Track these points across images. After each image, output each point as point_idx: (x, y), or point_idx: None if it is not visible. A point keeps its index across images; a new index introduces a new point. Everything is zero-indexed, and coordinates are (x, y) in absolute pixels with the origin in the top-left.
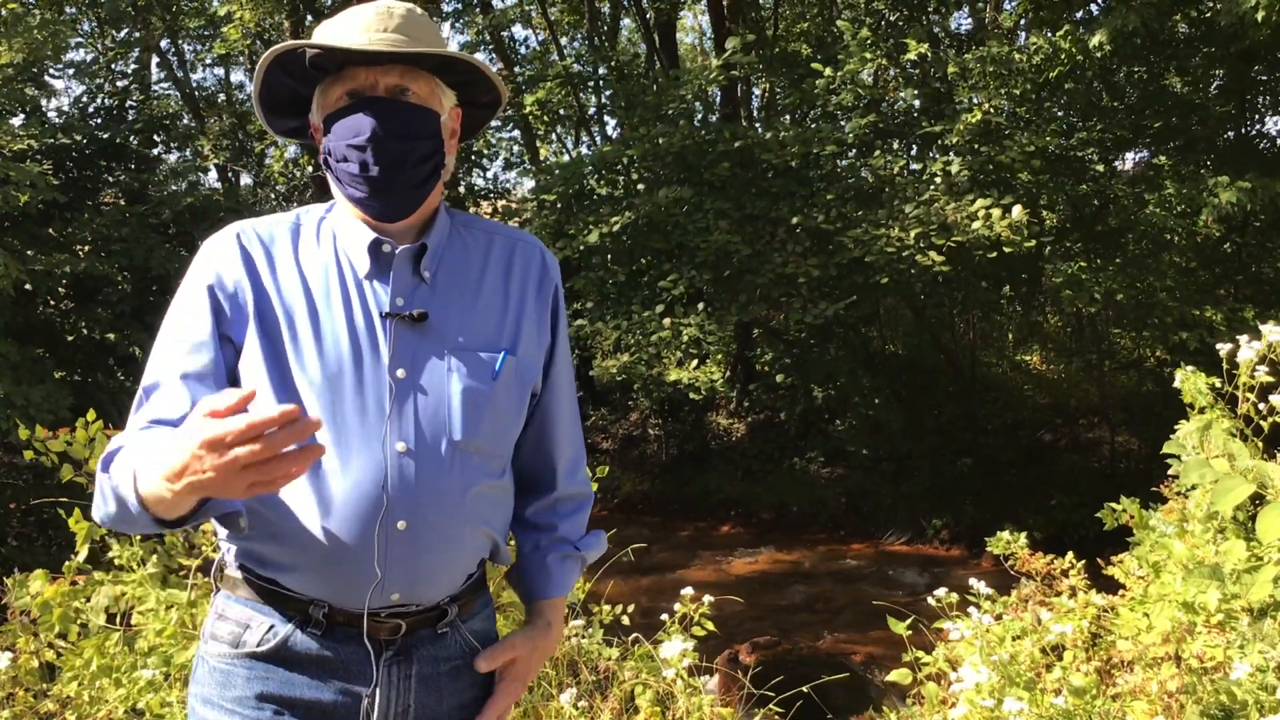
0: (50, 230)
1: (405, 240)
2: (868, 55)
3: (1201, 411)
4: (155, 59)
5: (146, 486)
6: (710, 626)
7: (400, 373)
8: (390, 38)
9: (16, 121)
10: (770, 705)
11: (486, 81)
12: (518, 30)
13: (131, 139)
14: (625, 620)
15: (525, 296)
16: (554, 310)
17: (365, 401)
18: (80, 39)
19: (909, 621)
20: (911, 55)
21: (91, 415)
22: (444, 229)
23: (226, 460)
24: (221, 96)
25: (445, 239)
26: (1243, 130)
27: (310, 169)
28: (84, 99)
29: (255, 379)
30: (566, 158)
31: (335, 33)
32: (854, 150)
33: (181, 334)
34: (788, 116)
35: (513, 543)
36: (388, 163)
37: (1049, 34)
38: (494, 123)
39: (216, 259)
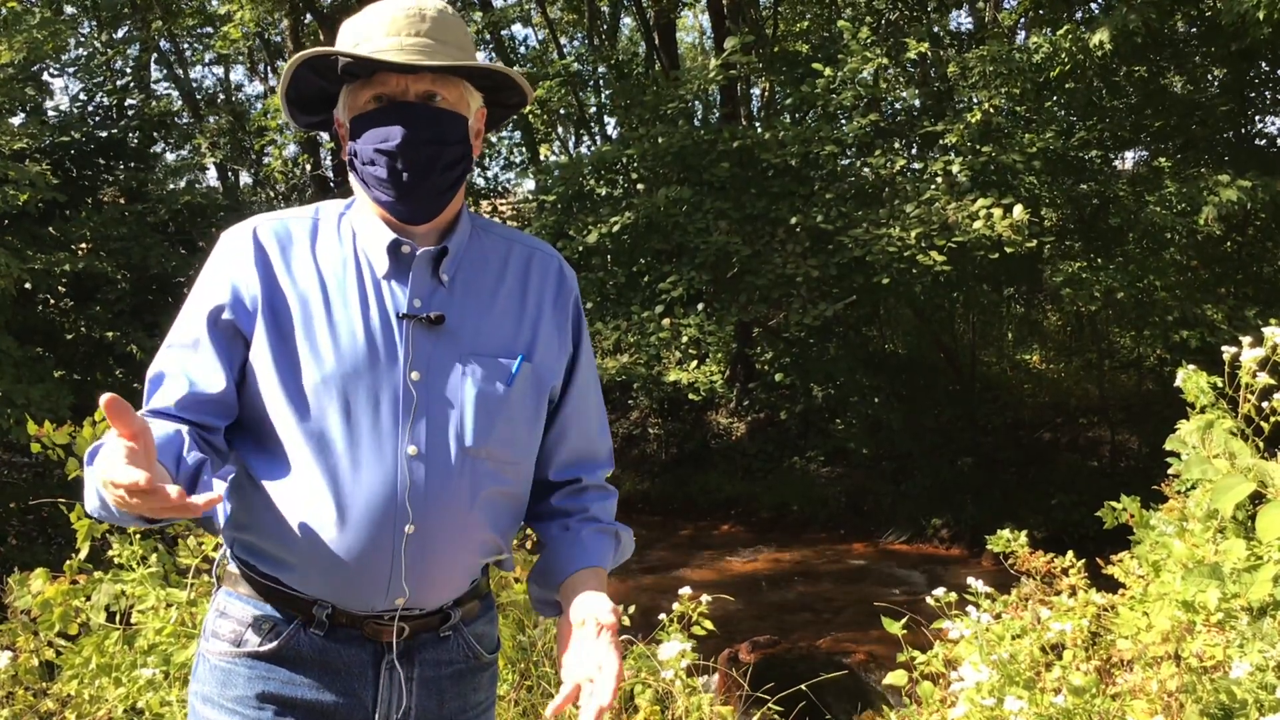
0: (50, 229)
1: (427, 242)
2: (868, 55)
3: (1203, 411)
4: (154, 57)
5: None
6: (709, 626)
7: (415, 375)
8: (421, 42)
9: (16, 121)
10: (769, 705)
11: (515, 86)
12: (517, 29)
13: (131, 137)
14: (625, 620)
15: (542, 305)
16: (575, 321)
17: (379, 403)
18: (80, 38)
19: (904, 621)
20: (912, 55)
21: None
22: (465, 232)
23: (118, 496)
24: (221, 96)
25: (465, 242)
26: (1243, 129)
27: (309, 168)
28: (83, 97)
29: (266, 378)
30: (566, 158)
31: (363, 32)
32: (854, 150)
33: (187, 331)
34: (787, 116)
35: (517, 561)
36: (416, 168)
37: (1049, 33)
38: None
39: (231, 254)
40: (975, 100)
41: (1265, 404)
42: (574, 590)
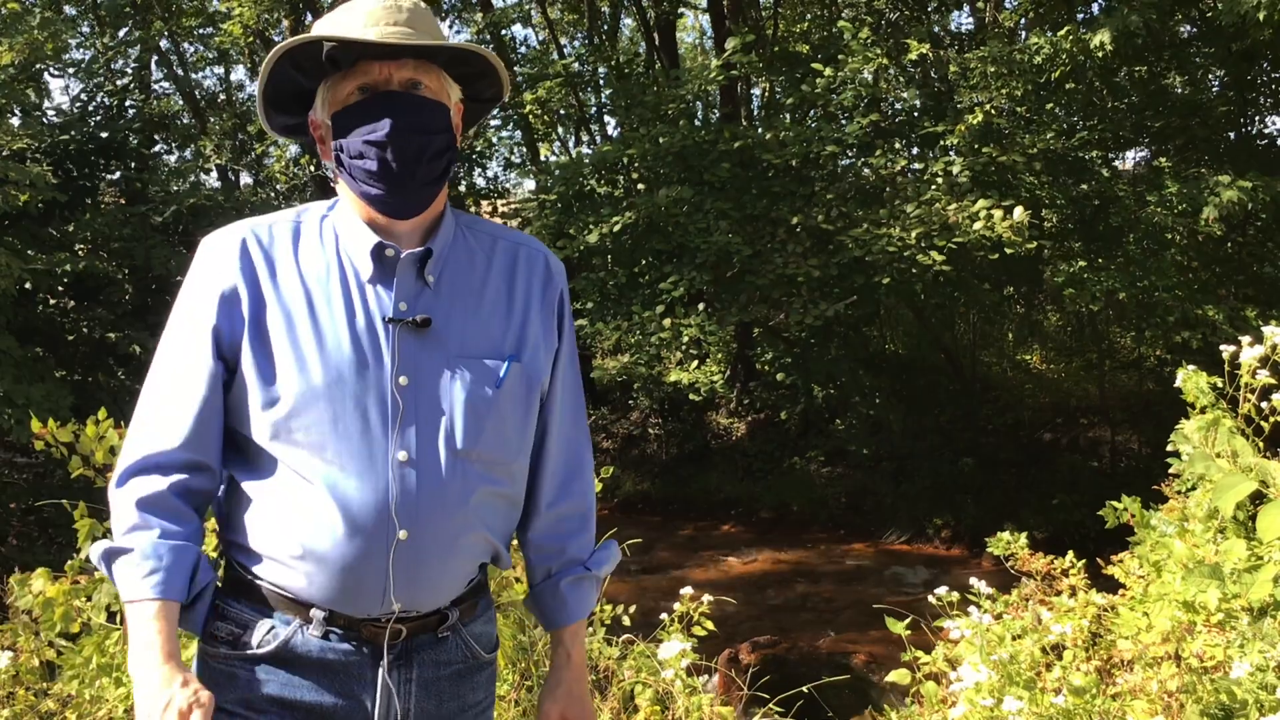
0: (50, 229)
1: (411, 243)
2: (869, 55)
3: (1203, 410)
4: (155, 58)
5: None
6: (710, 626)
7: (403, 380)
8: (400, 30)
9: (16, 121)
10: (770, 705)
11: (491, 76)
12: (517, 29)
13: (131, 138)
14: (626, 620)
15: (530, 302)
16: (559, 316)
17: (367, 409)
18: (80, 38)
19: (907, 621)
20: (913, 55)
21: (103, 414)
22: (449, 232)
23: None
24: (221, 96)
25: (450, 242)
26: (1243, 130)
27: (312, 169)
28: (84, 98)
29: (253, 387)
30: (566, 157)
31: (342, 25)
32: (855, 150)
33: (177, 360)
34: (788, 116)
35: (517, 558)
36: (406, 158)
37: (1050, 34)
38: (494, 122)
39: (214, 264)
40: (976, 101)
41: (1265, 404)
42: (559, 648)
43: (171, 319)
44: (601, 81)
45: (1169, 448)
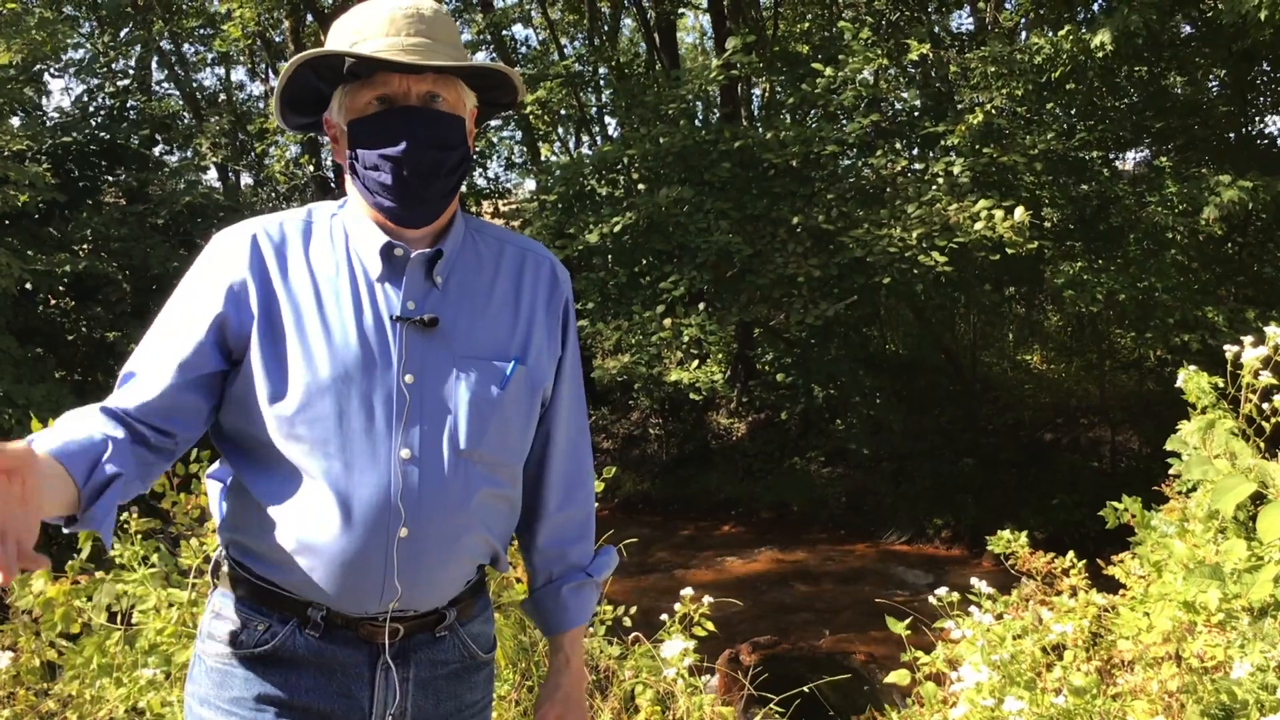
0: (50, 230)
1: (420, 244)
2: (869, 55)
3: (1204, 411)
4: (155, 58)
5: None
6: (710, 626)
7: (409, 378)
8: (420, 41)
9: (16, 121)
10: (770, 705)
11: (508, 86)
12: (518, 29)
13: (131, 139)
14: (626, 620)
15: (535, 307)
16: (564, 323)
17: (373, 406)
18: (80, 39)
19: (908, 621)
20: (913, 56)
21: None
22: (459, 234)
23: None
24: (221, 96)
25: (459, 245)
26: (1243, 130)
27: (311, 169)
28: (84, 98)
29: (259, 382)
30: (567, 157)
31: (361, 29)
32: (855, 150)
33: (171, 333)
34: (788, 116)
35: (516, 559)
36: (421, 173)
37: (1050, 34)
38: (494, 122)
39: (226, 257)
40: (976, 101)
41: (1266, 404)
42: (558, 654)
43: (172, 299)
44: (602, 82)
45: (1167, 446)
